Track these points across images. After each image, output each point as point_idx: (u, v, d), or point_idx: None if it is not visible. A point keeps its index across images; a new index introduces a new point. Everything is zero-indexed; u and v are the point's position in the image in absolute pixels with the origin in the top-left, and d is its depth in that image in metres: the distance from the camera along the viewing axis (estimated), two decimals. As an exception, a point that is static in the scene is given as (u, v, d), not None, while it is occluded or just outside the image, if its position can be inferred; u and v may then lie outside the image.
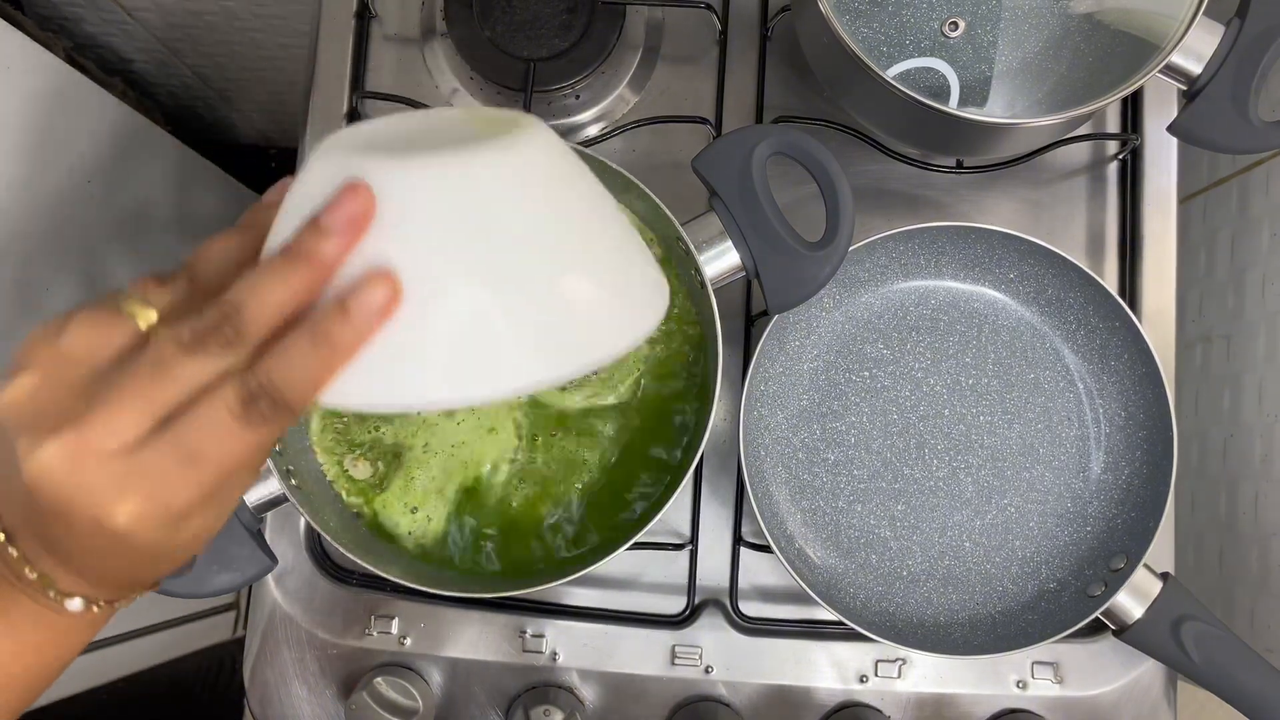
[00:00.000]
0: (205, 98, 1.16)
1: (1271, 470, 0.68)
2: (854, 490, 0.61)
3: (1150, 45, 0.52)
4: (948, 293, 0.62)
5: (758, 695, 0.61)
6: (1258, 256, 0.71)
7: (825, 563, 0.61)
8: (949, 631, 0.59)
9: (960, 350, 0.62)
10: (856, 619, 0.55)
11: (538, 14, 0.64)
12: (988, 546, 0.61)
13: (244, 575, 0.51)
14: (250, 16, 0.90)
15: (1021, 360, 0.61)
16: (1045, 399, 0.61)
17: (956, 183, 0.65)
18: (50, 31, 0.94)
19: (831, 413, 0.62)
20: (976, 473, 0.61)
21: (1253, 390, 0.70)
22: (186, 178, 0.97)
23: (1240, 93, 0.52)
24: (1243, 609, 0.69)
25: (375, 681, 0.61)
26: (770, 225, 0.51)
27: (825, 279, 0.51)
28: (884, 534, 0.61)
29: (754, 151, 0.51)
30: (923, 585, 0.60)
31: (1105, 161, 0.66)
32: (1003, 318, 0.62)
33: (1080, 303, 0.59)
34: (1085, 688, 0.61)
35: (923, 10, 0.56)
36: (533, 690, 0.61)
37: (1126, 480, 0.60)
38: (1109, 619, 0.56)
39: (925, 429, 0.61)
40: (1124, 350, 0.58)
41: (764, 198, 0.51)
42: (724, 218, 0.52)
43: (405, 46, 0.68)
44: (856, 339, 0.62)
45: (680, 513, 0.62)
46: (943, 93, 0.56)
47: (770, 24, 0.66)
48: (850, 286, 0.62)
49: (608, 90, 0.67)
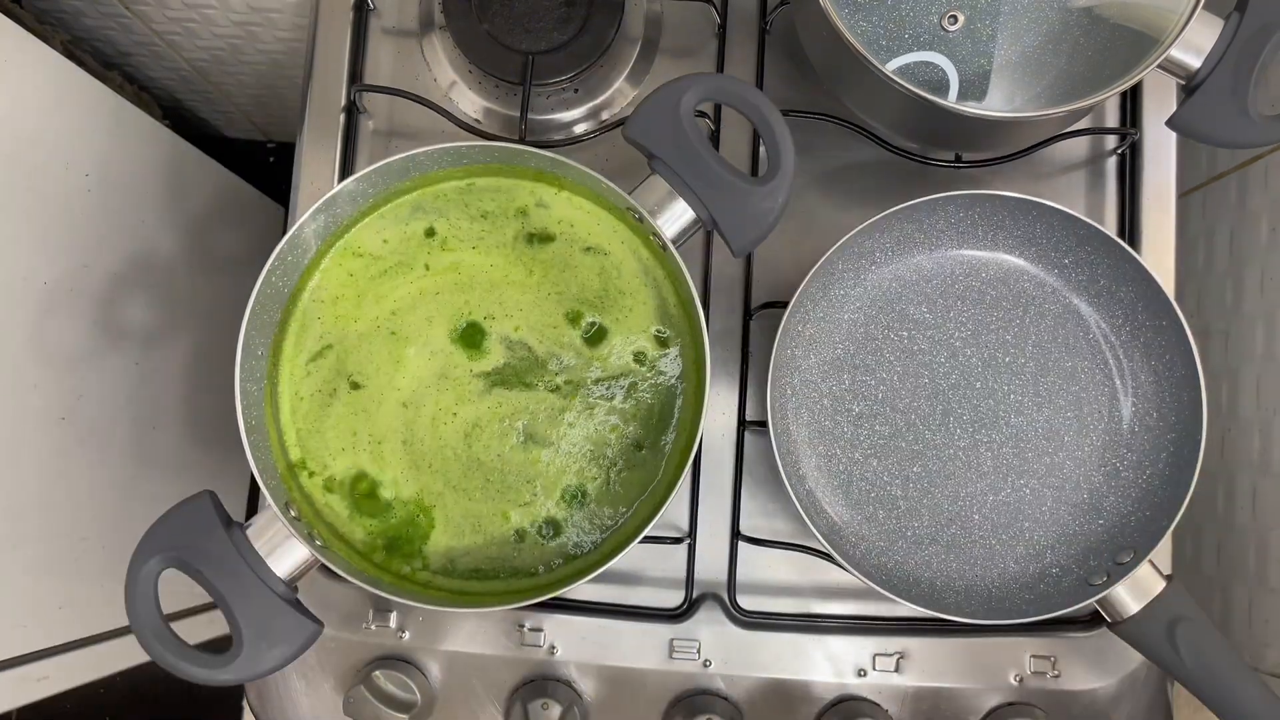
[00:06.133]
0: (203, 91, 1.16)
1: (1269, 465, 0.68)
2: (873, 445, 0.61)
3: (1149, 39, 0.52)
4: (1000, 267, 0.62)
5: (756, 689, 0.62)
6: (1256, 251, 0.71)
7: (833, 509, 0.61)
8: (943, 595, 0.59)
9: (1002, 327, 0.62)
10: (855, 566, 0.55)
11: (536, 7, 0.64)
12: (996, 523, 0.61)
13: (294, 646, 0.50)
14: (248, 10, 0.90)
15: (1062, 346, 0.62)
16: (1079, 389, 0.61)
17: (955, 177, 0.65)
18: (48, 24, 0.93)
19: (864, 366, 0.62)
20: (998, 449, 0.61)
21: (1250, 385, 0.71)
22: (184, 171, 0.97)
23: (1239, 87, 0.52)
24: (1240, 603, 0.69)
25: (373, 674, 0.61)
26: (714, 171, 0.51)
27: (780, 210, 0.51)
28: (895, 493, 0.61)
29: (680, 105, 0.51)
30: (925, 548, 0.61)
31: (1104, 156, 0.66)
32: (1050, 301, 0.62)
33: (1131, 298, 0.59)
34: (1082, 682, 0.61)
35: (922, 4, 0.56)
36: (531, 683, 0.61)
37: (1147, 480, 0.60)
38: (1105, 609, 0.56)
39: (954, 398, 0.61)
40: (1167, 351, 0.58)
41: (701, 147, 0.51)
42: (668, 176, 0.52)
43: (403, 39, 0.67)
44: (901, 298, 0.62)
45: (679, 507, 0.62)
46: (942, 87, 0.56)
47: (769, 17, 0.66)
48: (904, 245, 0.62)
49: (606, 84, 0.67)
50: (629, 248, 0.57)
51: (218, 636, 1.13)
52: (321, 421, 0.57)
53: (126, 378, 0.88)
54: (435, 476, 0.56)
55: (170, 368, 0.95)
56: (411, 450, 0.56)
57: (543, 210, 0.58)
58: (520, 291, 0.57)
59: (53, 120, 0.76)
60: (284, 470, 0.56)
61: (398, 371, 0.57)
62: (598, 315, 0.57)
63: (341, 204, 0.55)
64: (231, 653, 0.49)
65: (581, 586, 0.62)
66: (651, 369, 0.57)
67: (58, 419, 0.79)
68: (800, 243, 0.65)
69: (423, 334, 0.57)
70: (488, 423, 0.57)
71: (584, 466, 0.57)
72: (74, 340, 0.79)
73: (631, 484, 0.57)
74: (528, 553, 0.56)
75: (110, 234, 0.83)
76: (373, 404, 0.57)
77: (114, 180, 0.84)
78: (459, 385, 0.57)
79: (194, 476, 1.01)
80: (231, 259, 1.06)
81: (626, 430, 0.57)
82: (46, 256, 0.75)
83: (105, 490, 0.86)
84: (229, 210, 1.07)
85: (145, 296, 0.90)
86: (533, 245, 0.58)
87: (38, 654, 0.78)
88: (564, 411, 0.57)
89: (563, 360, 0.57)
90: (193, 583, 0.50)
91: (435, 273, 0.58)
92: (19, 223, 0.72)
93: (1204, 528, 0.74)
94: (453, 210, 0.58)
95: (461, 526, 0.56)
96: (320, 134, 0.65)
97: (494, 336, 0.57)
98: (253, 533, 0.51)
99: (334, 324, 0.57)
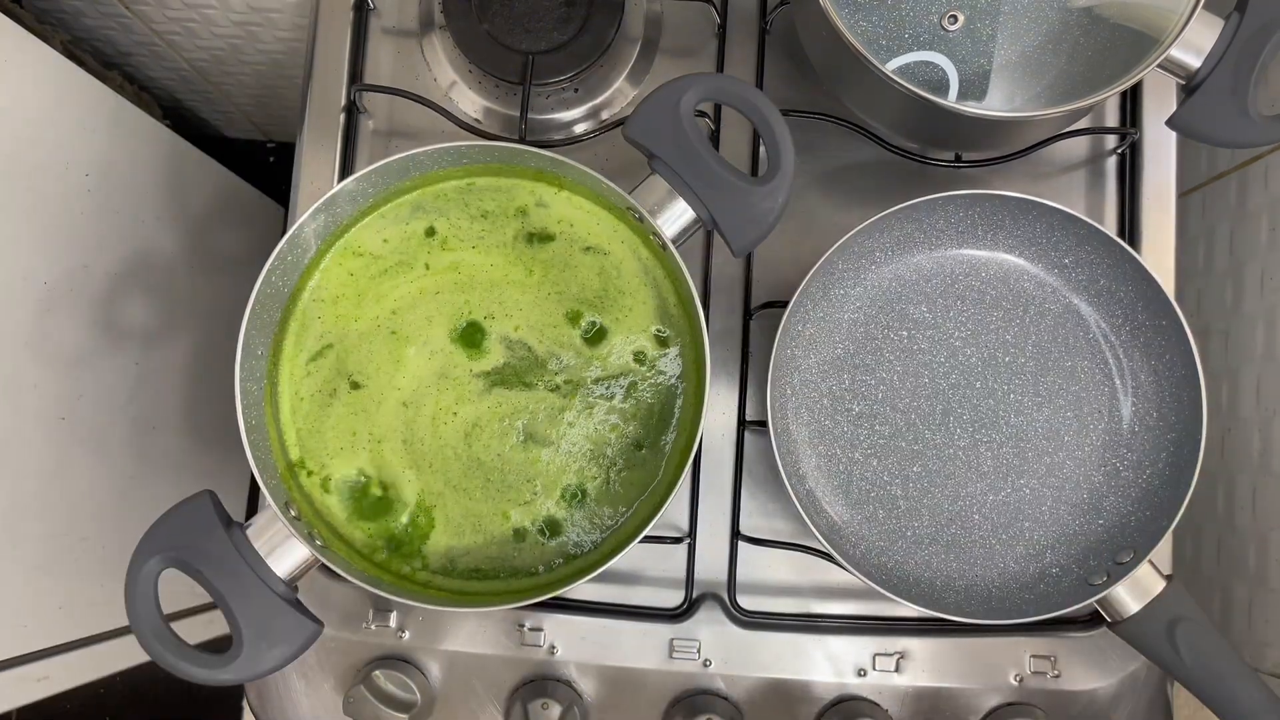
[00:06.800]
0: (203, 91, 1.16)
1: (1269, 465, 0.68)
2: (873, 445, 0.61)
3: (1149, 39, 0.52)
4: (1000, 267, 0.62)
5: (756, 689, 0.62)
6: (1256, 251, 0.71)
7: (833, 509, 0.61)
8: (943, 594, 0.59)
9: (1002, 326, 0.62)
10: (855, 566, 0.55)
11: (536, 7, 0.64)
12: (996, 522, 0.61)
13: (294, 646, 0.50)
14: (248, 10, 0.90)
15: (1062, 346, 0.62)
16: (1079, 388, 0.61)
17: (955, 177, 0.65)
18: (48, 24, 0.93)
19: (864, 366, 0.62)
20: (998, 449, 0.61)
21: (1250, 385, 0.71)
22: (184, 171, 0.97)
23: (1239, 87, 0.52)
24: (1240, 603, 0.69)
25: (373, 674, 0.61)
26: (714, 171, 0.51)
27: (780, 210, 0.51)
28: (895, 492, 0.61)
29: (680, 104, 0.51)
30: (925, 548, 0.61)
31: (1104, 155, 0.66)
32: (1050, 301, 0.62)
33: (1131, 298, 0.59)
34: (1082, 682, 0.61)
35: (922, 4, 0.56)
36: (531, 683, 0.61)
37: (1147, 480, 0.60)
38: (1105, 608, 0.56)
39: (954, 397, 0.61)
40: (1167, 351, 0.58)
41: (701, 147, 0.51)
42: (668, 176, 0.52)
43: (403, 39, 0.67)
44: (901, 298, 0.62)
45: (679, 506, 0.62)
46: (942, 87, 0.56)
47: (769, 17, 0.66)
48: (904, 245, 0.62)
49: (606, 84, 0.67)
50: (629, 247, 0.57)
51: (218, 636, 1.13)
52: (321, 421, 0.57)
53: (126, 378, 0.88)
54: (435, 476, 0.56)
55: (170, 368, 0.95)
56: (411, 450, 0.56)
57: (543, 210, 0.58)
58: (520, 291, 0.57)
59: (53, 120, 0.76)
60: (284, 470, 0.56)
61: (398, 371, 0.57)
62: (598, 315, 0.57)
63: (341, 204, 0.55)
64: (231, 653, 0.49)
65: (581, 586, 0.62)
66: (651, 369, 0.57)
67: (57, 419, 0.79)
68: (800, 243, 0.65)
69: (423, 333, 0.57)
70: (488, 422, 0.57)
71: (584, 466, 0.57)
72: (74, 340, 0.79)
73: (631, 484, 0.57)
74: (528, 552, 0.56)
75: (110, 234, 0.83)
76: (373, 404, 0.57)
77: (114, 180, 0.84)
78: (459, 385, 0.57)
79: (194, 476, 1.01)
80: (231, 259, 1.06)
81: (626, 430, 0.57)
82: (46, 256, 0.75)
83: (105, 490, 0.86)
84: (229, 210, 1.07)
85: (145, 296, 0.90)
86: (533, 245, 0.58)
87: (38, 654, 0.78)
88: (564, 411, 0.57)
89: (563, 360, 0.57)
90: (193, 583, 0.50)
91: (435, 272, 0.58)
92: (19, 223, 0.72)
93: (1204, 528, 0.74)
94: (453, 210, 0.58)
95: (461, 526, 0.56)
96: (320, 134, 0.65)
97: (494, 336, 0.57)
98: (253, 533, 0.51)
99: (334, 324, 0.57)
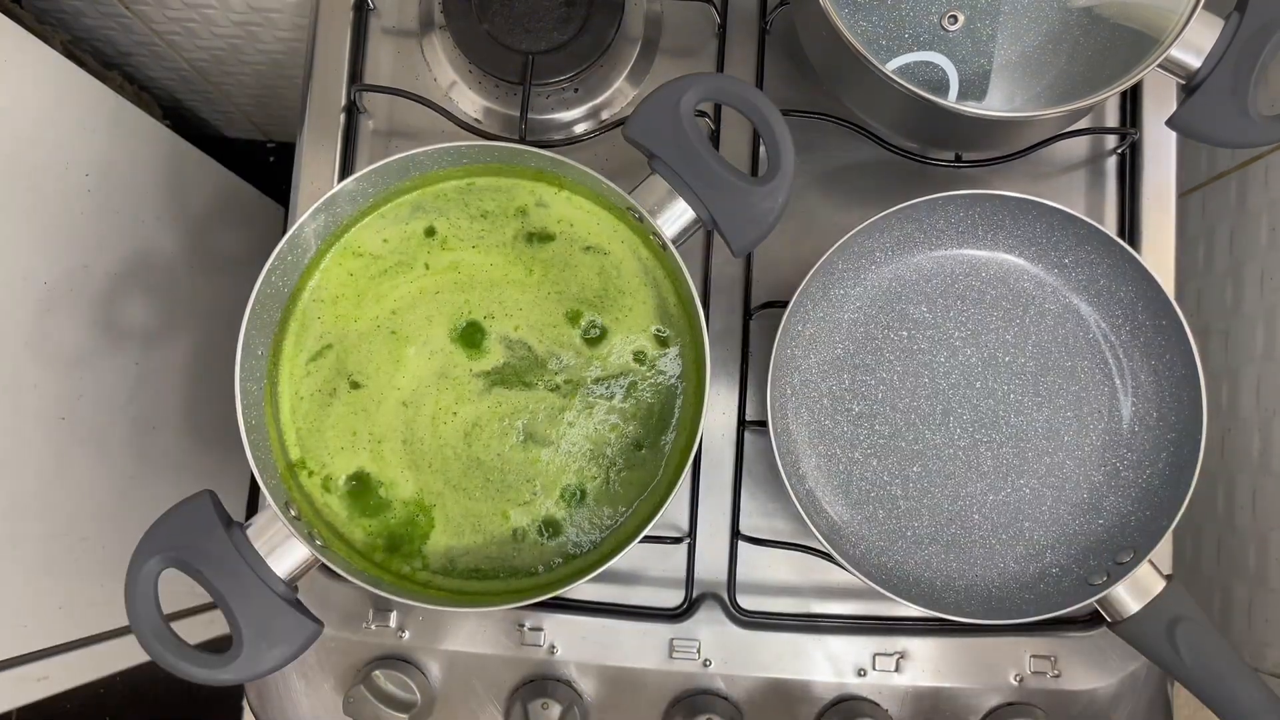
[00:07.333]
0: (203, 91, 1.16)
1: (1269, 465, 0.68)
2: (873, 445, 0.61)
3: (1149, 39, 0.52)
4: (1000, 267, 0.62)
5: (756, 689, 0.62)
6: (1256, 251, 0.71)
7: (833, 509, 0.61)
8: (943, 594, 0.59)
9: (1002, 326, 0.62)
10: (855, 566, 0.55)
11: (536, 7, 0.64)
12: (996, 522, 0.61)
13: (294, 646, 0.50)
14: (248, 10, 0.90)
15: (1062, 346, 0.62)
16: (1079, 388, 0.61)
17: (955, 177, 0.65)
18: (48, 24, 0.93)
19: (863, 366, 0.62)
20: (998, 449, 0.61)
21: (1250, 385, 0.71)
22: (184, 171, 0.97)
23: (1239, 87, 0.52)
24: (1240, 603, 0.69)
25: (373, 674, 0.61)
26: (714, 171, 0.51)
27: (780, 210, 0.51)
28: (895, 492, 0.61)
29: (680, 104, 0.51)
30: (925, 548, 0.61)
31: (1104, 155, 0.66)
32: (1050, 301, 0.62)
33: (1130, 298, 0.59)
34: (1082, 682, 0.61)
35: (922, 4, 0.56)
36: (531, 683, 0.61)
37: (1147, 480, 0.60)
38: (1105, 608, 0.56)
39: (954, 397, 0.61)
40: (1166, 351, 0.58)
41: (701, 147, 0.51)
42: (668, 176, 0.52)
43: (403, 39, 0.67)
44: (901, 298, 0.62)
45: (679, 506, 0.62)
46: (942, 87, 0.56)
47: (769, 17, 0.66)
48: (904, 245, 0.62)
49: (606, 84, 0.67)
50: (629, 247, 0.57)
51: (218, 636, 1.13)
52: (321, 421, 0.57)
53: (126, 378, 0.88)
54: (435, 476, 0.56)
55: (170, 368, 0.95)
56: (411, 450, 0.56)
57: (542, 210, 0.58)
58: (520, 291, 0.57)
59: (53, 120, 0.76)
60: (284, 470, 0.56)
61: (398, 371, 0.57)
62: (597, 315, 0.57)
63: (341, 204, 0.55)
64: (231, 653, 0.49)
65: (581, 586, 0.62)
66: (651, 368, 0.57)
67: (57, 419, 0.79)
68: (800, 243, 0.65)
69: (423, 333, 0.57)
70: (487, 422, 0.57)
71: (584, 466, 0.57)
72: (74, 340, 0.79)
73: (631, 483, 0.57)
74: (527, 552, 0.56)
75: (110, 234, 0.83)
76: (373, 403, 0.57)
77: (114, 180, 0.84)
78: (459, 384, 0.57)
79: (194, 476, 1.01)
80: (231, 259, 1.06)
81: (626, 430, 0.57)
82: (46, 256, 0.75)
83: (105, 490, 0.86)
84: (229, 210, 1.07)
85: (145, 296, 0.90)
86: (533, 244, 0.58)
87: (38, 654, 0.78)
88: (564, 411, 0.57)
89: (562, 359, 0.57)
90: (193, 583, 0.50)
91: (435, 272, 0.58)
92: (19, 223, 0.72)
93: (1204, 528, 0.74)
94: (453, 210, 0.58)
95: (461, 526, 0.56)
96: (320, 134, 0.65)
97: (494, 336, 0.57)
98: (253, 532, 0.51)
99: (334, 323, 0.57)
